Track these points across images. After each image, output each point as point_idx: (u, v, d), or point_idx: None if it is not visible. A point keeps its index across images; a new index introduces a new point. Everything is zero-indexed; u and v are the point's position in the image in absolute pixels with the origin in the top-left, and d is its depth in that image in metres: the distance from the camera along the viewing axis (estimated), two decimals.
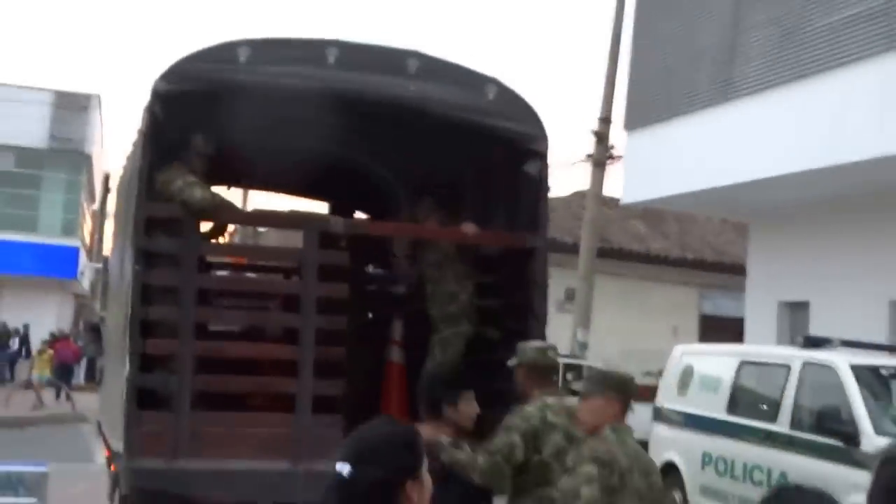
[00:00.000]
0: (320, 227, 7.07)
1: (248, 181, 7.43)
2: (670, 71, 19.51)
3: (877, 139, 14.35)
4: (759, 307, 19.39)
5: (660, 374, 16.66)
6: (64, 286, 38.41)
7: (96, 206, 47.81)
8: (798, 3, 16.67)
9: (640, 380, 23.77)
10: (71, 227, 38.83)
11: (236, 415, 6.99)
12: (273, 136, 7.58)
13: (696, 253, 28.39)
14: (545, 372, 5.96)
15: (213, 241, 7.48)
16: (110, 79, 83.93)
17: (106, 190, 46.94)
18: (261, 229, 28.29)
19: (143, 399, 6.70)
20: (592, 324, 23.14)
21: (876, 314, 16.00)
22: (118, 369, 7.10)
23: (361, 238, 7.59)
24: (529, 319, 7.16)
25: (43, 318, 34.26)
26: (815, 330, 13.38)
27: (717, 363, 12.08)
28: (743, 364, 11.51)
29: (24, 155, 37.05)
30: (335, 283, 7.15)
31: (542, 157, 7.36)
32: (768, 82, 17.08)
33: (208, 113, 6.90)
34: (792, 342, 12.84)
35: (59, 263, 37.13)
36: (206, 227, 7.38)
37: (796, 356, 10.68)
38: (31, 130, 35.94)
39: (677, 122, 19.04)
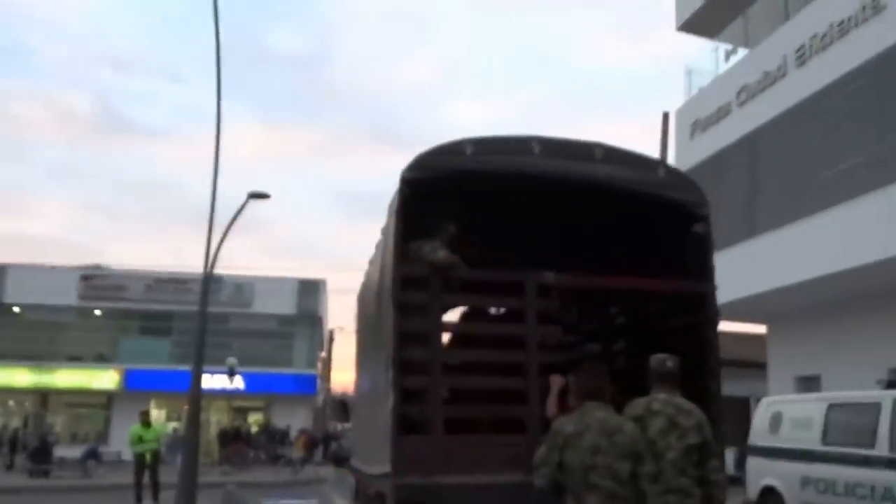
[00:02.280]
0: (538, 280, 5.34)
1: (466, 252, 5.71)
2: None
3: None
4: (778, 382, 17.24)
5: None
6: (307, 400, 37.50)
7: (324, 353, 47.32)
8: (801, 163, 15.11)
9: None
10: (311, 363, 38.39)
11: (479, 437, 5.16)
12: (489, 213, 5.89)
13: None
14: (661, 377, 4.57)
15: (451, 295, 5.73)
16: (332, 267, 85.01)
17: (330, 341, 46.95)
18: None
19: (403, 427, 4.93)
20: None
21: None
22: (379, 406, 5.38)
23: (568, 291, 5.77)
24: (705, 349, 5.28)
25: (296, 420, 33.19)
26: None
27: (806, 408, 9.68)
28: (832, 406, 9.14)
29: (282, 319, 36.99)
30: (550, 326, 5.38)
31: (706, 219, 5.62)
32: (783, 221, 15.44)
33: (443, 195, 5.32)
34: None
35: (305, 385, 36.73)
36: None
37: (885, 395, 8.38)
38: (286, 304, 36.46)
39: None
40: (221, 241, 13.17)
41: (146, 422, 14.80)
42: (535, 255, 5.82)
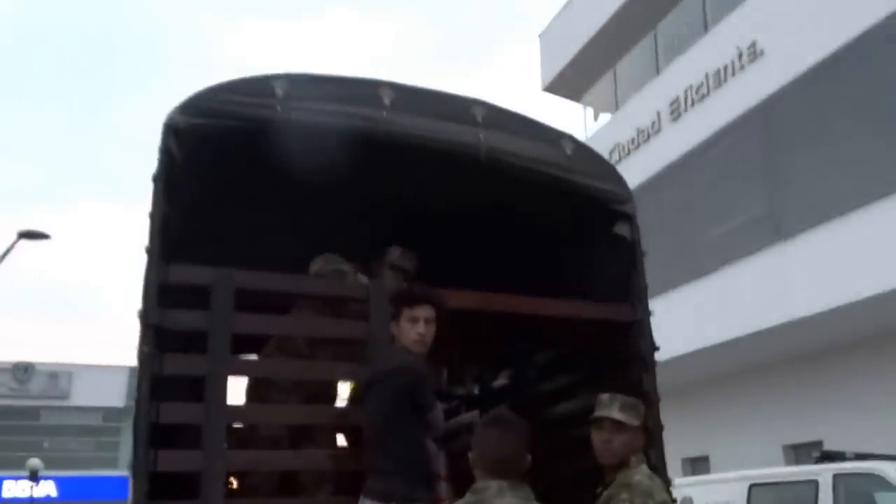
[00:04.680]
0: (388, 294, 3.47)
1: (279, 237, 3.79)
2: None
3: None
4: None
5: None
6: None
7: None
8: (681, 225, 14.25)
9: None
10: None
11: None
12: (311, 193, 3.83)
13: None
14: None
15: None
16: None
17: None
18: None
19: None
20: None
21: (772, 458, 12.45)
22: None
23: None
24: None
25: None
26: None
27: (722, 490, 8.09)
28: (754, 487, 7.60)
29: (108, 413, 32.71)
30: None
31: (631, 219, 3.97)
32: (661, 289, 14.32)
33: (235, 156, 3.39)
34: None
35: None
36: None
37: (822, 470, 6.91)
38: (114, 395, 31.95)
39: None
40: None
41: None
42: (365, 258, 3.98)
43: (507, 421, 2.44)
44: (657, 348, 3.87)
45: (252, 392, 3.67)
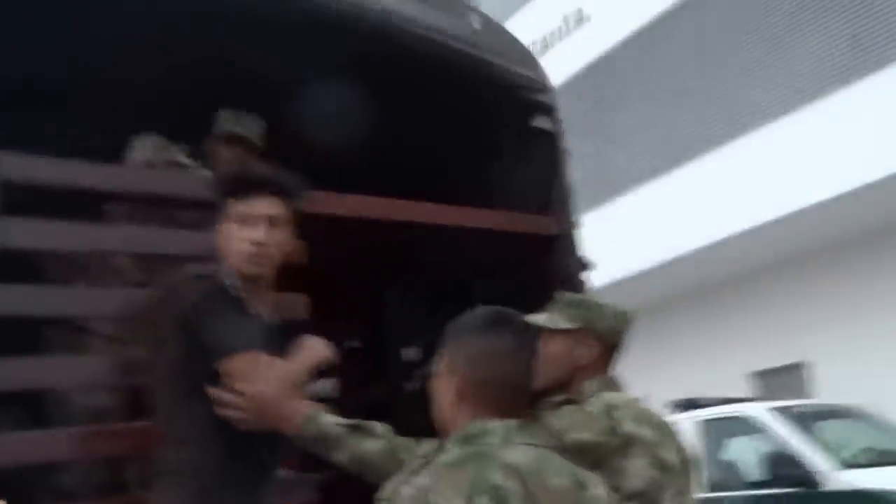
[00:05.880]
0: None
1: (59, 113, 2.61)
2: None
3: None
4: None
5: None
6: None
7: None
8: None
9: None
10: None
11: None
12: (125, 61, 2.55)
13: None
14: (617, 351, 1.97)
15: None
16: None
17: None
18: None
19: None
20: None
21: (736, 386, 11.87)
22: None
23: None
24: None
25: None
26: None
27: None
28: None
29: None
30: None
31: (552, 111, 3.23)
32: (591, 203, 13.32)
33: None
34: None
35: None
36: None
37: (681, 419, 6.47)
38: None
39: None
40: None
41: None
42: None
43: (516, 322, 1.49)
44: (588, 266, 3.11)
45: (63, 346, 2.45)
